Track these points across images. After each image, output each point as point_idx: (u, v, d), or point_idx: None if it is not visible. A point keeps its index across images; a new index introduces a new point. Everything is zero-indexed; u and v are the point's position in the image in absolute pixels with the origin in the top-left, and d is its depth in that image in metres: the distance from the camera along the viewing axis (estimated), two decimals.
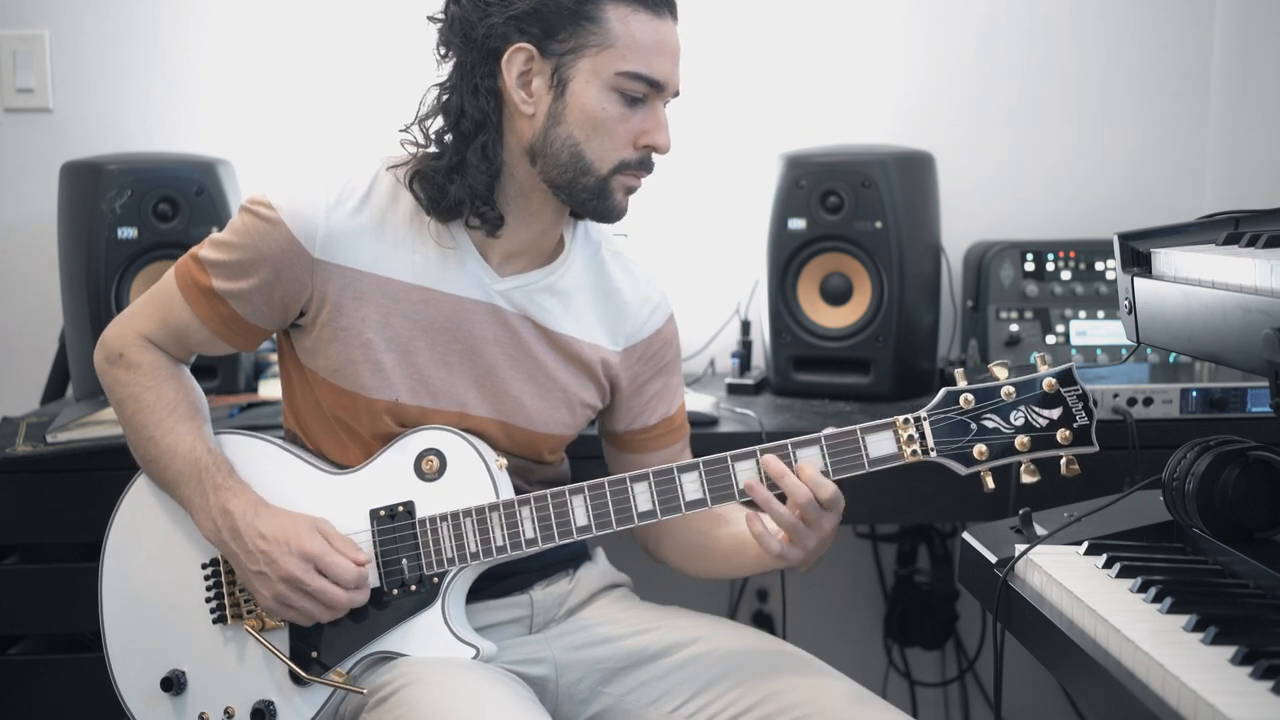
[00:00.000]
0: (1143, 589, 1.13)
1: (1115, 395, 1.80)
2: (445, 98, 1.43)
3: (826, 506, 1.35)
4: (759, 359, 2.33)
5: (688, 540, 1.61)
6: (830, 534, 1.39)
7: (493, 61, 1.39)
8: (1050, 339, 2.17)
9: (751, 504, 1.38)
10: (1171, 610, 1.08)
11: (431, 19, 1.45)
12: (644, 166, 1.43)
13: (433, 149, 1.45)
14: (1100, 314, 2.18)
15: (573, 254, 1.54)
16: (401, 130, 1.46)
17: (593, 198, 1.42)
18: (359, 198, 1.44)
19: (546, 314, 1.50)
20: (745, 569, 1.55)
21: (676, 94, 1.44)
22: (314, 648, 1.43)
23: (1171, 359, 2.05)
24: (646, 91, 1.39)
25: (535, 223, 1.47)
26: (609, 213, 1.45)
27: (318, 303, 1.44)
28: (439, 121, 1.44)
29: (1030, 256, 2.22)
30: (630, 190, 1.45)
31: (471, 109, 1.41)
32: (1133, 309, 1.29)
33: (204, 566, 1.48)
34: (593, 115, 1.38)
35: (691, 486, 1.38)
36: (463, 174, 1.42)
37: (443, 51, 1.44)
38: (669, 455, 1.62)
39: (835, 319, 2.14)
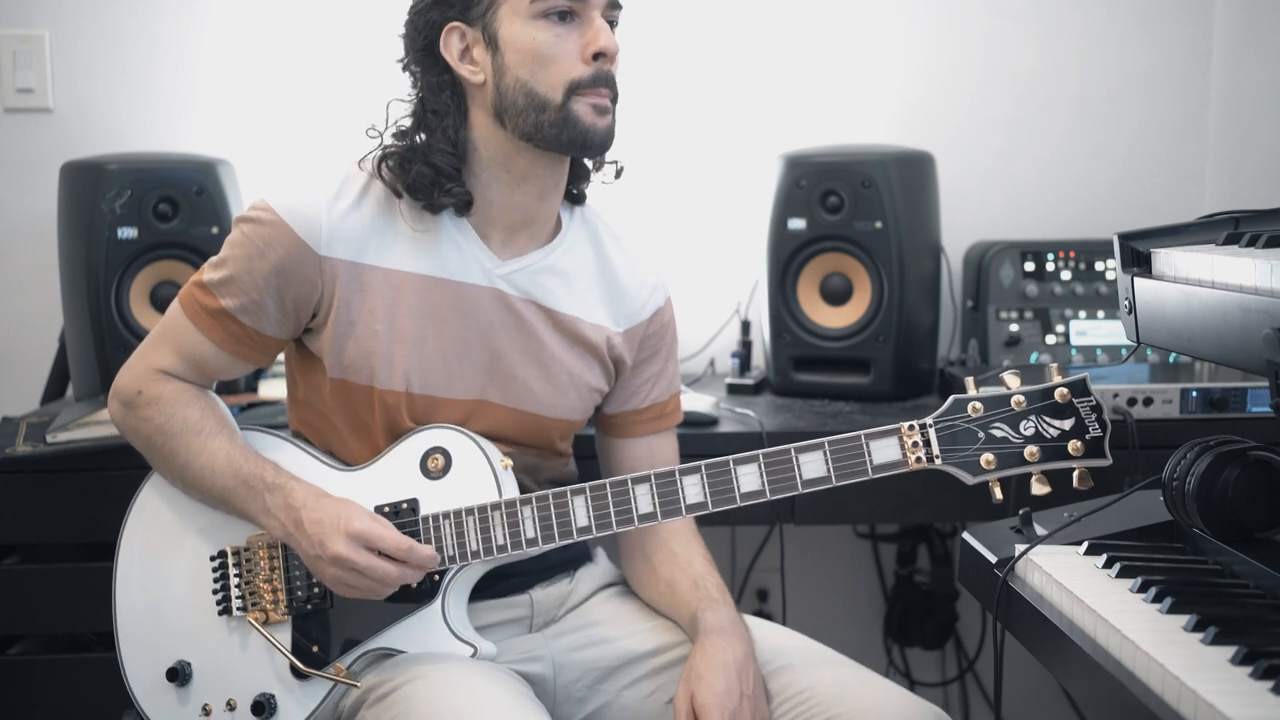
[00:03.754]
0: (1143, 589, 1.13)
1: (1115, 395, 1.80)
2: (413, 105, 1.47)
3: None
4: (759, 359, 2.33)
5: (636, 563, 1.61)
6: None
7: (437, 53, 1.43)
8: (1050, 339, 2.17)
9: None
10: (1171, 610, 1.08)
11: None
12: (599, 82, 1.41)
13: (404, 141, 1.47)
14: (1100, 314, 2.18)
15: (570, 234, 1.54)
16: (372, 135, 1.48)
17: (561, 130, 1.41)
18: (357, 191, 1.45)
19: (549, 294, 1.50)
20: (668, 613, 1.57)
21: (616, 4, 1.43)
22: (314, 642, 1.44)
23: (1171, 359, 2.05)
24: (569, 6, 1.38)
25: (529, 186, 1.46)
26: (585, 139, 1.42)
27: (328, 300, 1.44)
28: (407, 123, 1.47)
29: (1030, 256, 2.22)
30: (599, 110, 1.41)
31: (433, 103, 1.44)
32: (1133, 309, 1.28)
33: (212, 559, 1.49)
34: (528, 50, 1.39)
35: (693, 490, 1.37)
36: (428, 154, 1.44)
37: (408, 71, 1.48)
38: (655, 443, 1.62)
39: (835, 319, 2.14)
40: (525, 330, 1.49)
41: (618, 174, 1.56)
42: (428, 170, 1.43)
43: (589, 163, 1.56)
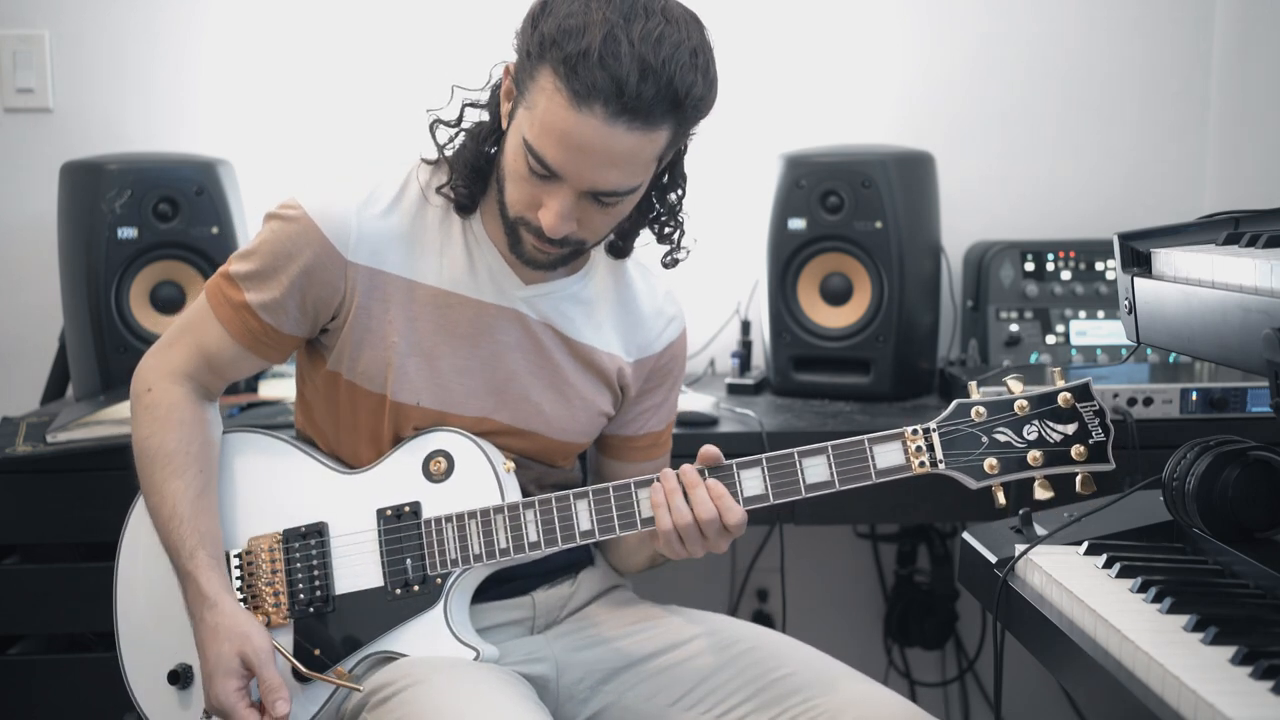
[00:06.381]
0: (1143, 589, 1.13)
1: (1115, 395, 1.80)
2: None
3: (730, 530, 1.35)
4: (759, 359, 2.33)
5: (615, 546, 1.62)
6: (716, 549, 1.38)
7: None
8: (1050, 339, 2.17)
9: None
10: (1171, 610, 1.08)
11: None
12: (542, 237, 1.36)
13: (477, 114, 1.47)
14: (1100, 314, 2.18)
15: (598, 263, 1.54)
16: (465, 95, 1.47)
17: (509, 233, 1.41)
18: (388, 200, 1.44)
19: (569, 322, 1.50)
20: (641, 560, 1.60)
21: (601, 197, 1.33)
22: (316, 645, 1.43)
23: (1171, 359, 2.05)
24: (542, 171, 1.31)
25: None
26: (522, 256, 1.41)
27: (348, 305, 1.43)
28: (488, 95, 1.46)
29: (1030, 256, 2.23)
30: (539, 249, 1.38)
31: (491, 101, 1.44)
32: (1133, 309, 1.29)
33: None
34: (509, 162, 1.36)
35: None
36: (460, 144, 1.44)
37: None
38: (645, 469, 1.60)
39: (835, 319, 2.14)
40: (541, 353, 1.49)
41: (671, 261, 1.55)
42: (453, 158, 1.43)
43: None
